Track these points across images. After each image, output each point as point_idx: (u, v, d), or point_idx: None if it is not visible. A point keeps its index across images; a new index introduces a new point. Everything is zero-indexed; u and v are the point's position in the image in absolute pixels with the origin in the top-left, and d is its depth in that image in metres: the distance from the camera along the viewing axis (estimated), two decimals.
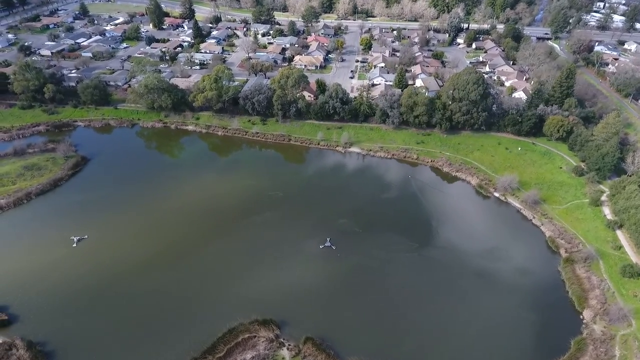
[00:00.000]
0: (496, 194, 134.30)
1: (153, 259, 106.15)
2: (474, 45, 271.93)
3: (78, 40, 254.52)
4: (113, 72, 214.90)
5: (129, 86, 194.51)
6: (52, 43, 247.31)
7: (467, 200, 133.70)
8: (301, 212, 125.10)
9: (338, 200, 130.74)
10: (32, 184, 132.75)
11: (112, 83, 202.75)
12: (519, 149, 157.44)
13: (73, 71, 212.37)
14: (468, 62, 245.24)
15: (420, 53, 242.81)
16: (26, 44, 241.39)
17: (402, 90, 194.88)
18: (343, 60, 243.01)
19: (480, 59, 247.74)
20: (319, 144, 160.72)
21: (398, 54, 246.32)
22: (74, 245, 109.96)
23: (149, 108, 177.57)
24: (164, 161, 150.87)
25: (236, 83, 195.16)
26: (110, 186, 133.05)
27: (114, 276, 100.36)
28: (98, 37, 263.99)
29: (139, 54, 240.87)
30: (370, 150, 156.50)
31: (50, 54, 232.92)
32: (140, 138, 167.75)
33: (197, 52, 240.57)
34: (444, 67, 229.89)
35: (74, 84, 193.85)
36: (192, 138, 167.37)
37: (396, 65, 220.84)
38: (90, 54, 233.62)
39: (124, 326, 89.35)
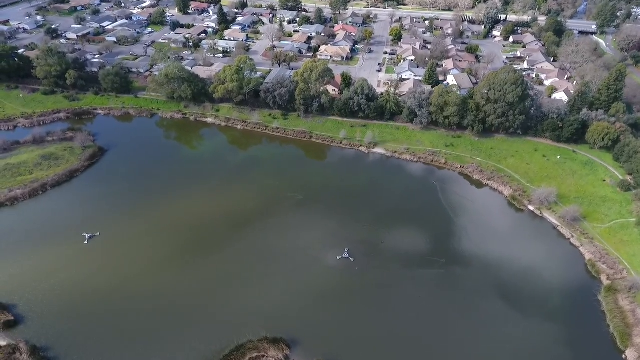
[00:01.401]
0: (531, 208, 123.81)
1: (163, 262, 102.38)
2: (511, 39, 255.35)
3: (103, 24, 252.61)
4: (136, 58, 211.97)
5: (151, 74, 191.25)
6: (78, 26, 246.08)
7: (498, 213, 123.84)
8: (319, 217, 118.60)
9: (359, 206, 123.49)
10: (49, 174, 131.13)
11: (134, 70, 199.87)
12: (558, 157, 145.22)
13: (96, 56, 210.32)
14: (504, 57, 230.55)
15: (453, 46, 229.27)
16: (53, 26, 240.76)
17: (432, 87, 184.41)
18: (371, 51, 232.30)
19: (518, 54, 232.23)
20: (341, 142, 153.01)
21: (429, 46, 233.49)
22: (85, 242, 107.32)
23: (169, 98, 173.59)
24: (181, 155, 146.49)
25: (259, 74, 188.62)
26: (125, 180, 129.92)
27: (122, 279, 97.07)
28: (124, 20, 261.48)
29: (163, 39, 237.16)
30: (396, 151, 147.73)
31: (76, 38, 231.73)
32: (159, 129, 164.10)
33: (221, 39, 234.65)
34: (478, 62, 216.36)
35: (96, 70, 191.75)
36: (211, 131, 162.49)
37: (427, 59, 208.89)
38: (114, 39, 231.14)
39: (128, 336, 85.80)
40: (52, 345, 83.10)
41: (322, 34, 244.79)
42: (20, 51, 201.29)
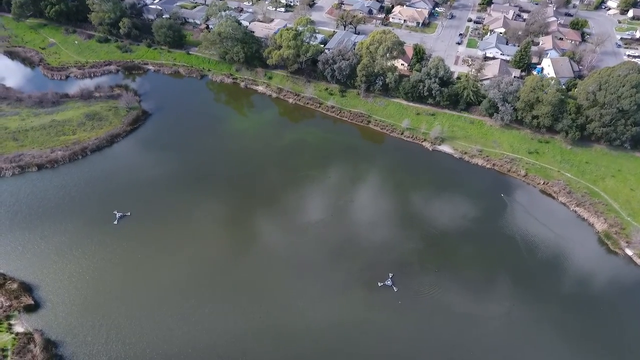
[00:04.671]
0: (628, 252, 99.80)
1: (189, 257, 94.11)
2: (630, 13, 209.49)
3: None
4: (195, 7, 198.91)
5: (207, 27, 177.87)
6: None
7: (585, 253, 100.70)
8: (365, 228, 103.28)
9: (412, 219, 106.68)
10: (90, 137, 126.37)
11: (190, 20, 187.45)
12: None
13: (155, 1, 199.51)
14: (618, 37, 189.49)
15: (555, 18, 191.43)
16: None
17: (521, 72, 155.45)
18: (452, 17, 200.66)
19: (637, 35, 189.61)
20: (402, 133, 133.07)
21: (525, 16, 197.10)
22: (115, 222, 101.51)
23: (220, 58, 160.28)
24: (225, 129, 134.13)
25: (320, 37, 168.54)
26: (163, 152, 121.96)
27: (142, 275, 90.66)
28: None
29: None
30: (466, 152, 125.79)
31: None
32: (207, 93, 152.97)
33: None
34: (584, 42, 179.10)
35: (152, 18, 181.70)
36: (261, 101, 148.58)
37: (519, 34, 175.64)
38: None
39: (134, 344, 79.50)
40: (63, 340, 79.16)
41: None
42: None
